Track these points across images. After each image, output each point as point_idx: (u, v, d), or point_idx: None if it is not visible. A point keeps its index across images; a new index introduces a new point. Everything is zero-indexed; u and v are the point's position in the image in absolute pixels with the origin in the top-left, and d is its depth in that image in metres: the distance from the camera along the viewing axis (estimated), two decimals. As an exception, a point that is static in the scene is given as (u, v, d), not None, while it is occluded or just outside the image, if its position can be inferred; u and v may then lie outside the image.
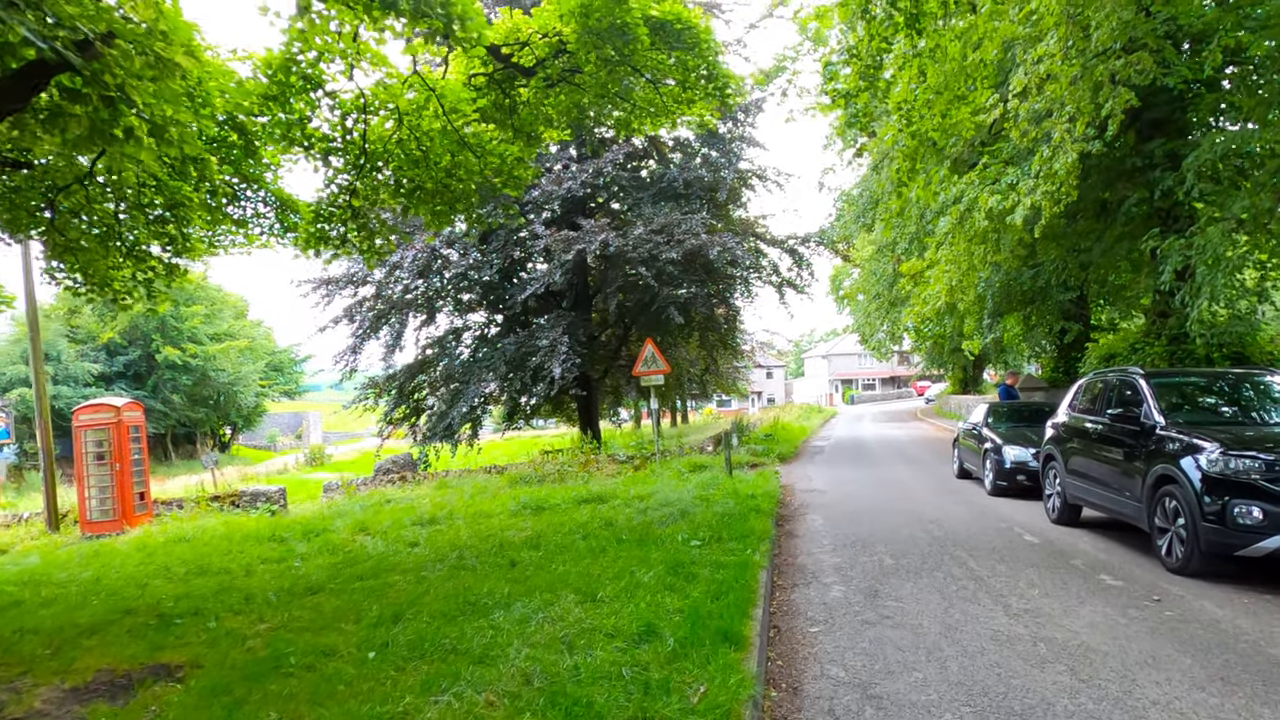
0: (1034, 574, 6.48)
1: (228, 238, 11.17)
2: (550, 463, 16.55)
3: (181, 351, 41.08)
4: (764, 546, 7.38)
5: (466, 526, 10.40)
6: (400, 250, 19.38)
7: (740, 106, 22.26)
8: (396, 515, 11.95)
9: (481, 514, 11.36)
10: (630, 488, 12.46)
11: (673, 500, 10.24)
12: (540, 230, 18.28)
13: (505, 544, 8.52)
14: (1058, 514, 8.77)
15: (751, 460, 17.26)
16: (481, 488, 15.36)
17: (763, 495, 10.64)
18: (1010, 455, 11.15)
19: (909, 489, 12.65)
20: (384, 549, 9.14)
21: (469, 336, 23.41)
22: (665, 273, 18.90)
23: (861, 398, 74.99)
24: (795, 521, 9.98)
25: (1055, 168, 10.44)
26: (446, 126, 9.53)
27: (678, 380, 28.53)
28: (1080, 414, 8.51)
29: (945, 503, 10.94)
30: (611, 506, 10.69)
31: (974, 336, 24.55)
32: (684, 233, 18.38)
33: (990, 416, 12.74)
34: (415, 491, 16.07)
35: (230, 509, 16.07)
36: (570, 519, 9.94)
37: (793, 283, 23.37)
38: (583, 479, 15.26)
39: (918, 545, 7.94)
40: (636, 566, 6.44)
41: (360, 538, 10.61)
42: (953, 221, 12.41)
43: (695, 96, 11.51)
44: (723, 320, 24.68)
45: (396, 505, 14.02)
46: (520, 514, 10.98)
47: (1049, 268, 18.66)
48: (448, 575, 6.92)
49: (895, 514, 10.06)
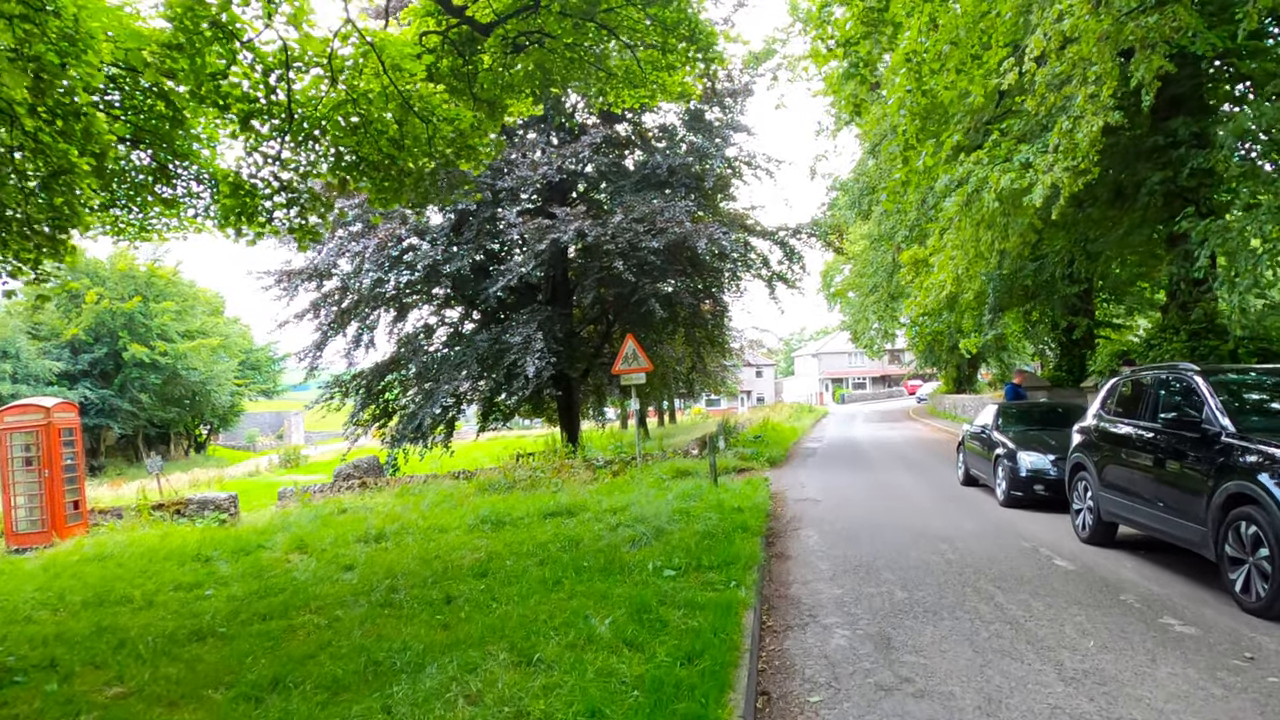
0: (1081, 615, 5.30)
1: (161, 220, 9.90)
2: (522, 468, 15.32)
3: (150, 349, 39.48)
4: (750, 576, 6.17)
5: (415, 545, 9.17)
6: (363, 239, 18.09)
7: (728, 91, 21.09)
8: (344, 529, 10.70)
9: (436, 529, 10.12)
10: (604, 498, 11.25)
11: (648, 515, 9.03)
12: (512, 219, 17.03)
13: (450, 570, 7.30)
14: (1089, 532, 7.61)
15: (739, 465, 16.08)
16: (445, 496, 14.12)
17: (750, 509, 9.44)
18: (1026, 462, 10.00)
19: (911, 498, 11.49)
20: (313, 574, 7.90)
21: (443, 333, 22.14)
22: (647, 264, 17.69)
23: (852, 397, 74.03)
24: (787, 539, 8.79)
25: (1077, 138, 9.30)
26: (389, 87, 8.29)
27: (663, 379, 27.34)
28: (1117, 418, 7.34)
29: (954, 515, 9.78)
30: (580, 521, 9.47)
31: (972, 334, 23.48)
32: (667, 221, 17.19)
33: (1001, 419, 11.59)
34: (375, 500, 14.81)
35: (175, 518, 14.78)
36: (531, 537, 8.73)
37: (783, 276, 22.20)
38: (555, 486, 14.05)
39: (931, 572, 6.76)
40: (594, 608, 5.23)
41: (294, 557, 9.37)
42: (959, 204, 11.26)
43: (676, 62, 10.31)
44: (709, 316, 23.50)
45: (350, 516, 12.79)
46: (478, 529, 9.75)
47: (1054, 259, 17.59)
48: (367, 616, 5.69)
49: (899, 530, 8.88)
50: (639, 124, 22.08)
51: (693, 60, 10.18)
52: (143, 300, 40.03)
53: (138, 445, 49.96)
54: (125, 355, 38.84)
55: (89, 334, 39.10)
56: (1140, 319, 21.56)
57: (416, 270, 19.80)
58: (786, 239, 21.54)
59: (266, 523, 13.24)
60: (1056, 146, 9.84)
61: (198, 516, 15.06)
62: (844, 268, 41.49)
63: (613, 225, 17.08)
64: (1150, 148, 12.17)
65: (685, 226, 17.02)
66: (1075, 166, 9.56)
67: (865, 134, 14.34)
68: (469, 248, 18.45)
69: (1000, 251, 12.09)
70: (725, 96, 20.97)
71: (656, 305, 17.41)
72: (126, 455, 50.04)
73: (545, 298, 20.62)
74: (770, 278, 22.19)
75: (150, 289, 41.41)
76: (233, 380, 49.37)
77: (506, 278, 17.36)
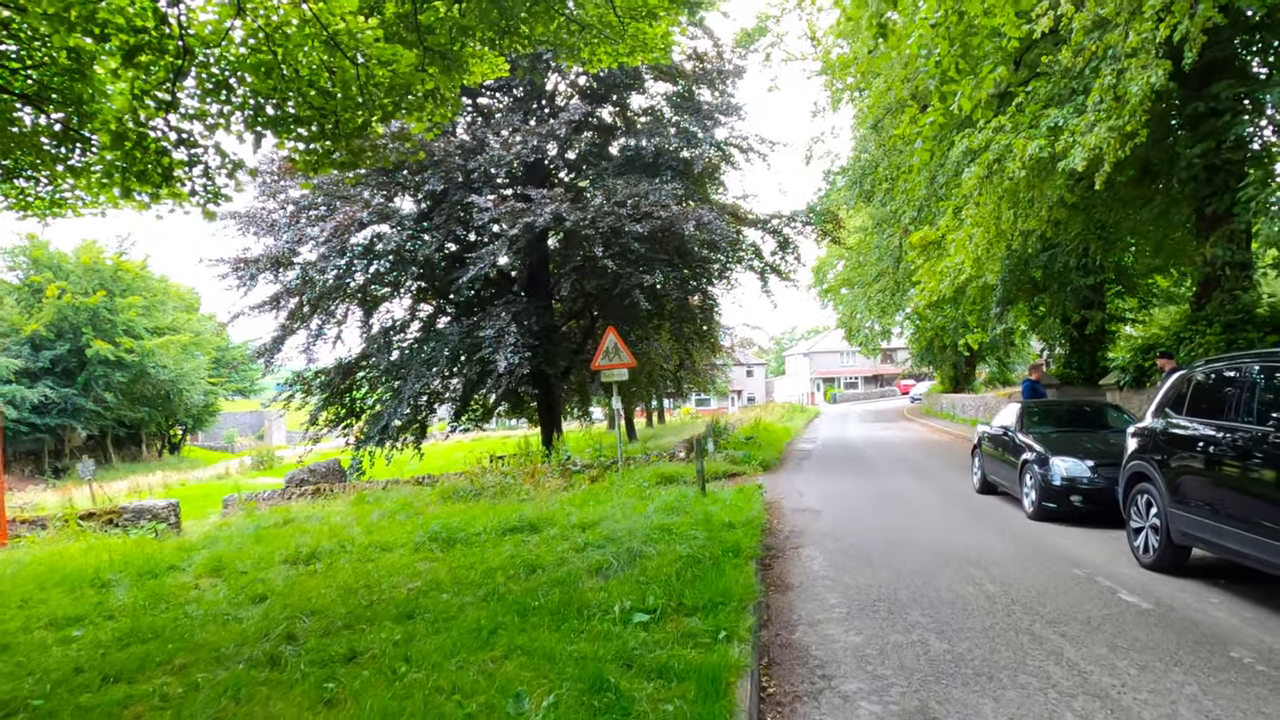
0: (1193, 685, 3.95)
1: (75, 194, 8.45)
2: (492, 473, 13.91)
3: (115, 346, 37.74)
4: (745, 621, 4.81)
5: (348, 569, 7.76)
6: (322, 224, 16.63)
7: (717, 70, 19.74)
8: (276, 546, 9.27)
9: (379, 547, 8.71)
10: (576, 510, 9.86)
11: (623, 532, 7.64)
12: (482, 202, 15.60)
13: (373, 607, 5.90)
14: (1155, 556, 6.27)
15: (730, 469, 14.73)
16: (403, 504, 12.71)
17: (743, 524, 8.07)
18: (1060, 469, 8.67)
19: (923, 508, 10.15)
20: (212, 608, 6.48)
21: (416, 328, 20.67)
22: (630, 253, 16.31)
23: (844, 396, 72.86)
24: (788, 561, 7.43)
25: (1126, 91, 7.99)
26: (308, 20, 6.89)
27: (649, 377, 25.95)
28: (1195, 418, 6.00)
29: (978, 530, 8.44)
30: (543, 540, 8.09)
31: (977, 328, 22.20)
32: (652, 205, 15.81)
33: (1026, 419, 10.26)
34: (327, 508, 13.39)
35: (107, 529, 13.32)
36: (483, 560, 7.33)
37: (776, 268, 20.87)
38: (526, 494, 12.66)
39: (970, 610, 5.41)
40: (532, 678, 3.85)
41: (205, 582, 7.96)
42: (978, 175, 9.94)
43: (658, 7, 8.94)
44: (698, 311, 22.14)
45: (293, 528, 11.40)
46: (425, 549, 8.33)
47: (1068, 248, 16.32)
48: (235, 681, 4.28)
49: (919, 549, 7.53)
50: (624, 105, 20.72)
51: (677, 4, 8.81)
52: (107, 295, 38.27)
53: (107, 446, 48.23)
54: (89, 352, 37.09)
55: (50, 330, 37.36)
56: (1155, 312, 20.32)
57: (384, 259, 18.41)
58: (780, 227, 20.21)
59: (200, 536, 11.83)
60: (1098, 104, 8.53)
61: (132, 527, 13.62)
62: (838, 263, 40.27)
63: (593, 209, 15.69)
64: (1190, 116, 10.87)
65: (671, 210, 15.66)
66: (1121, 126, 8.26)
67: (872, 107, 13.00)
68: (439, 233, 17.02)
69: (1024, 232, 10.77)
70: (715, 76, 19.62)
71: (641, 297, 16.02)
72: (95, 456, 48.23)
73: (520, 288, 19.22)
74: (762, 269, 20.86)
75: (116, 283, 39.67)
76: (206, 379, 47.65)
77: (478, 266, 15.94)
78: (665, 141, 17.82)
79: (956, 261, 10.35)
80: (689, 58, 19.89)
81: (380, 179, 17.58)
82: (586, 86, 19.78)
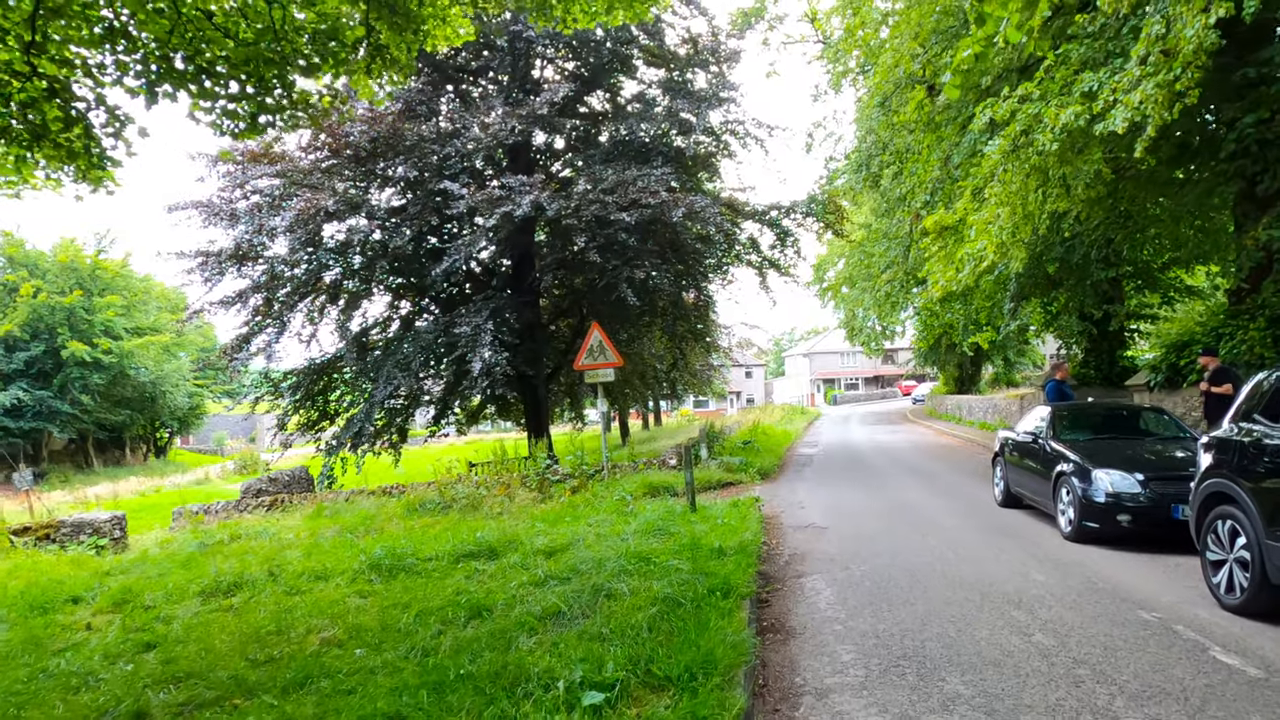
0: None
1: None
2: (464, 483, 12.71)
3: (92, 347, 36.47)
4: (731, 702, 3.60)
5: (268, 603, 6.58)
6: (282, 213, 15.43)
7: (711, 49, 18.54)
8: (201, 572, 8.09)
9: (314, 575, 7.50)
10: (547, 529, 8.66)
11: (593, 562, 6.44)
12: (456, 189, 14.38)
13: (268, 665, 4.70)
14: (1245, 598, 5.07)
15: (725, 478, 13.52)
16: (363, 520, 11.52)
17: (736, 550, 6.86)
18: (1105, 483, 7.46)
19: (941, 525, 8.94)
20: (84, 659, 5.28)
21: (396, 328, 19.45)
22: (617, 244, 15.11)
23: (844, 398, 71.62)
24: (788, 595, 6.22)
25: (1178, 41, 6.81)
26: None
27: (642, 378, 24.75)
28: (1299, 426, 4.80)
29: (1011, 556, 7.23)
30: (500, 570, 6.88)
31: (987, 326, 21.00)
32: (640, 191, 14.61)
33: (1057, 424, 9.06)
34: (280, 523, 12.18)
35: (42, 545, 12.13)
36: (424, 597, 6.13)
37: (775, 262, 19.68)
38: (500, 507, 11.45)
39: (1023, 674, 4.21)
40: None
41: (102, 619, 6.77)
42: (1004, 149, 8.74)
43: (637, -49, 7.78)
44: (693, 309, 20.94)
45: (238, 546, 10.28)
46: (364, 579, 7.13)
47: (1089, 237, 15.14)
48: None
49: (945, 581, 6.33)
50: (615, 91, 19.54)
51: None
52: (84, 294, 37.00)
53: (88, 450, 47.00)
54: (64, 354, 35.83)
55: (25, 330, 36.09)
56: (1178, 309, 19.11)
57: (357, 252, 17.23)
58: (779, 219, 19.01)
59: (133, 557, 10.67)
60: (1144, 58, 7.34)
61: (71, 542, 12.41)
62: (839, 261, 39.06)
63: (577, 197, 14.48)
64: (1239, 83, 9.68)
65: (661, 196, 14.45)
66: (1170, 82, 7.07)
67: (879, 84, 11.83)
68: (414, 224, 15.80)
69: (1053, 214, 9.59)
70: (710, 60, 18.43)
71: (629, 292, 14.81)
72: (75, 461, 47.04)
73: (500, 283, 18.05)
74: (760, 264, 19.67)
75: (95, 282, 38.41)
76: (191, 381, 46.41)
77: (453, 258, 14.72)
78: (655, 126, 16.63)
79: (978, 248, 9.14)
80: (683, 41, 18.72)
81: (352, 168, 16.40)
82: (574, 71, 18.61)
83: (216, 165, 16.92)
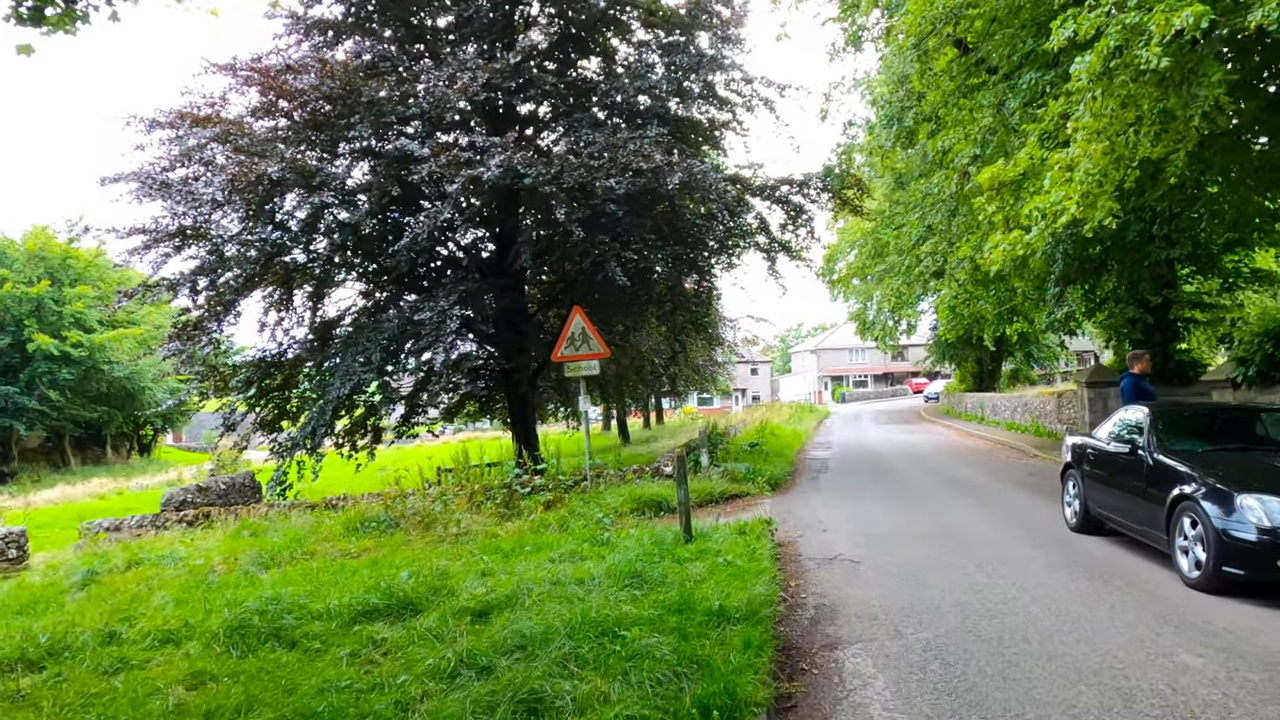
0: None
1: None
2: (418, 495, 10.68)
3: (61, 340, 34.50)
4: None
5: (72, 690, 4.57)
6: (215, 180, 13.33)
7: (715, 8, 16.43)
8: (27, 625, 6.04)
9: (162, 638, 5.48)
10: (494, 566, 6.62)
11: (535, 636, 4.39)
12: (415, 148, 12.30)
13: None
14: None
15: (729, 489, 11.45)
16: (292, 540, 9.56)
17: (743, 615, 4.79)
18: (1257, 514, 5.37)
19: (1010, 560, 6.86)
20: None
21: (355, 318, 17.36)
22: (605, 217, 13.03)
23: (853, 395, 69.43)
24: (820, 691, 4.15)
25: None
26: None
27: (639, 373, 22.65)
28: None
29: (1132, 618, 5.15)
30: (409, 637, 4.83)
31: (1018, 318, 18.89)
32: (631, 154, 12.52)
33: (1161, 430, 6.95)
34: (196, 543, 10.19)
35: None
36: (280, 689, 4.09)
37: (786, 245, 17.53)
38: (454, 526, 9.42)
39: None
40: None
41: None
42: (1094, 69, 6.66)
43: None
44: (693, 296, 18.82)
45: (132, 575, 8.38)
46: (220, 646, 5.08)
47: (1155, 207, 13.05)
48: None
49: (1054, 668, 4.27)
50: (609, 54, 17.41)
51: None
52: (54, 285, 35.02)
53: (65, 448, 45.12)
54: (30, 347, 33.85)
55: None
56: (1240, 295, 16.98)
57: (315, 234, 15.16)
58: (790, 195, 16.85)
59: (13, 583, 8.72)
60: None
61: (-45, 563, 10.47)
62: (850, 252, 36.88)
63: (558, 160, 12.39)
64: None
65: (655, 161, 12.36)
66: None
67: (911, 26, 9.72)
68: (374, 195, 13.71)
69: (1147, 163, 7.52)
70: (713, 20, 16.29)
71: (618, 271, 12.73)
72: (51, 460, 45.16)
73: (479, 267, 16.00)
74: (769, 247, 17.53)
75: (66, 272, 36.44)
76: (174, 375, 44.42)
77: (414, 232, 12.64)
78: (646, 83, 14.52)
79: (1052, 200, 7.05)
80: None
81: (313, 135, 14.33)
82: (561, 31, 16.49)
83: (153, 130, 14.90)
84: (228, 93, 14.90)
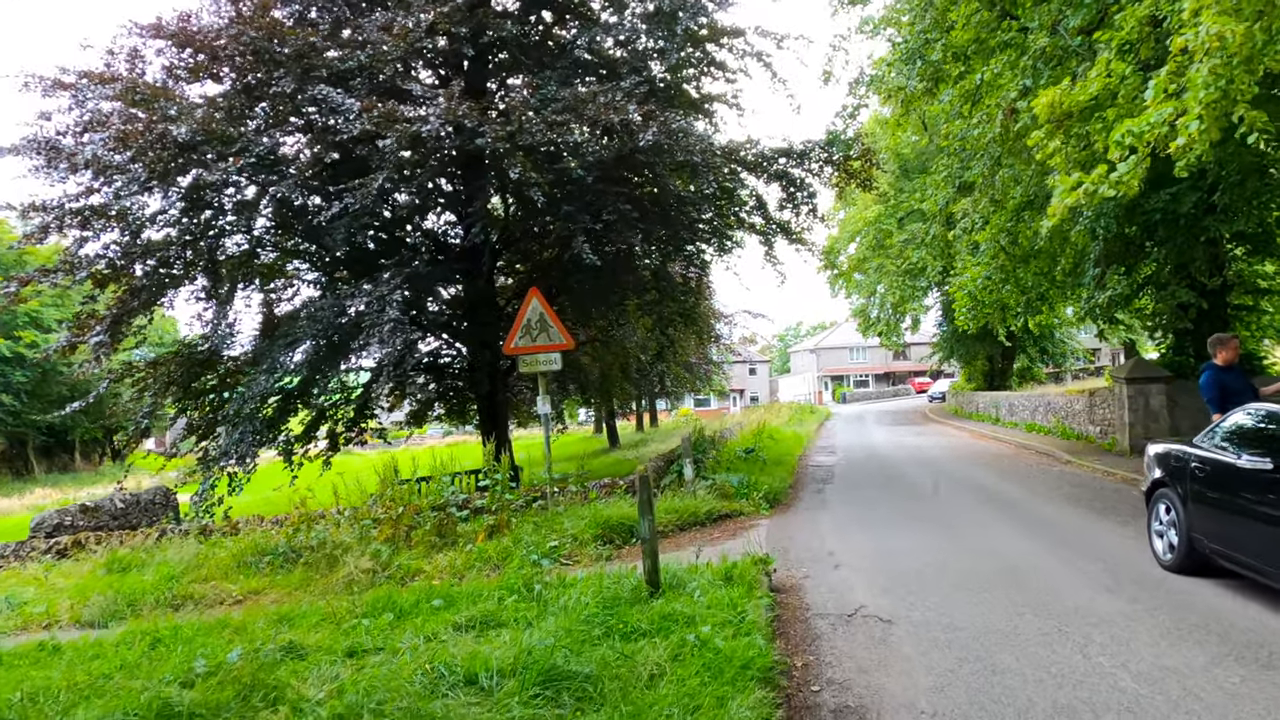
0: None
1: None
2: (327, 519, 8.65)
3: (14, 341, 32.45)
4: None
5: None
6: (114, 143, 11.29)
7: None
8: None
9: None
10: (370, 639, 4.59)
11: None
12: (338, 96, 10.26)
13: None
14: None
15: (718, 507, 9.41)
16: (161, 580, 7.49)
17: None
18: None
19: (1106, 620, 4.87)
20: None
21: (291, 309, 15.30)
22: (570, 181, 11.03)
23: (854, 395, 67.41)
24: None
25: None
26: None
27: (624, 370, 20.61)
28: None
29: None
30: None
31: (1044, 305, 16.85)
32: (601, 107, 10.49)
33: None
34: (51, 581, 8.17)
35: None
36: None
37: (784, 226, 15.50)
38: (366, 561, 7.39)
39: None
40: None
41: None
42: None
43: None
44: (681, 284, 16.80)
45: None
46: None
47: (1216, 174, 11.09)
48: None
49: None
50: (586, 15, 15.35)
51: None
52: (6, 281, 32.88)
53: (28, 455, 43.06)
54: (-23, 348, 31.82)
55: (-63, 323, 32.08)
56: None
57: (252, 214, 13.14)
58: (788, 168, 14.81)
59: None
60: None
61: None
62: (851, 244, 34.89)
63: (515, 116, 10.37)
64: None
65: (628, 113, 10.33)
66: None
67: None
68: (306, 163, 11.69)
69: (1266, 81, 5.52)
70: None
71: (585, 247, 10.70)
72: (14, 467, 43.08)
73: (435, 249, 13.99)
74: (766, 229, 15.49)
75: (21, 268, 34.33)
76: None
77: (345, 201, 10.60)
78: (620, 31, 12.51)
79: (1158, 118, 5.05)
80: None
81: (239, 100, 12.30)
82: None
83: (54, 92, 12.86)
84: (142, 49, 12.86)
